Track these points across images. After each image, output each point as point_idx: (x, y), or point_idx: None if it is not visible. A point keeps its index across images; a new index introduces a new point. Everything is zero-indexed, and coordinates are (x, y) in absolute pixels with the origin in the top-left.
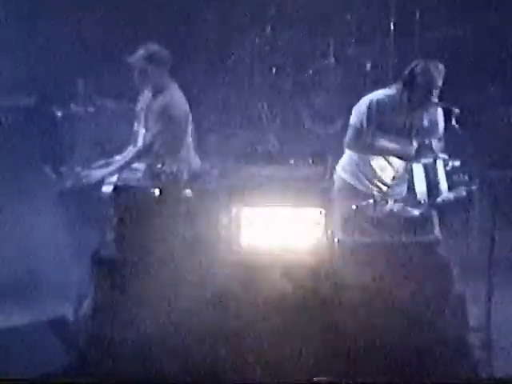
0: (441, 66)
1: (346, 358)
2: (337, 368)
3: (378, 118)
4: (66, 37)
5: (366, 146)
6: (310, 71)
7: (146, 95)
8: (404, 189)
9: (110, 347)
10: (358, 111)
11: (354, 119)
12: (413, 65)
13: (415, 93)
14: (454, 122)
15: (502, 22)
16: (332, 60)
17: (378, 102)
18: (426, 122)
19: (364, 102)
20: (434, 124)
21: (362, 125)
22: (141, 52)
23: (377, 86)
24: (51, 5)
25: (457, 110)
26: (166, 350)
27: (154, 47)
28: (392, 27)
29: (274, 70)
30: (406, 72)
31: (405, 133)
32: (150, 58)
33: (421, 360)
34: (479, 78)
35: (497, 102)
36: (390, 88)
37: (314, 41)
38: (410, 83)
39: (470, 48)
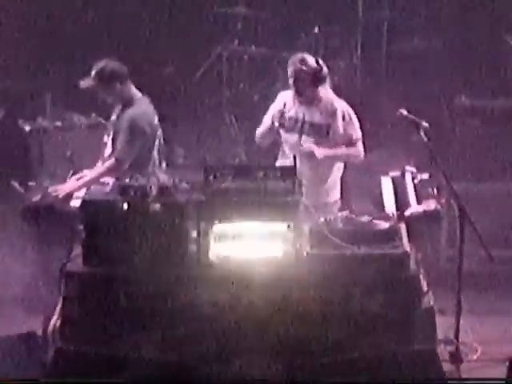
0: (298, 57)
1: (317, 369)
2: (306, 380)
3: (274, 107)
4: (33, 50)
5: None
6: (278, 84)
7: (117, 108)
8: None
9: (78, 361)
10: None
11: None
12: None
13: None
14: (422, 135)
15: (470, 34)
16: None
17: (282, 93)
18: (315, 118)
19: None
20: (323, 120)
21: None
22: (91, 73)
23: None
24: (18, 17)
25: (425, 124)
26: (136, 363)
27: (100, 64)
28: (360, 40)
29: (242, 84)
30: None
31: (297, 128)
32: (100, 76)
33: (390, 372)
34: (447, 90)
35: (465, 114)
36: None
37: (282, 54)
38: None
39: (438, 60)
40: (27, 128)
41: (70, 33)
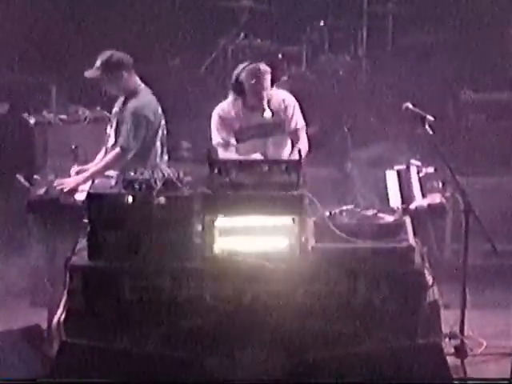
0: (263, 67)
1: (321, 363)
2: (311, 373)
3: (222, 125)
4: (38, 43)
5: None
6: (284, 78)
7: (120, 100)
8: None
9: (83, 355)
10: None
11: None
12: (237, 72)
13: (247, 97)
14: (427, 128)
15: (475, 29)
16: (304, 67)
17: (219, 110)
18: (273, 118)
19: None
20: (278, 117)
21: (214, 134)
22: (96, 63)
23: (350, 92)
24: (22, 10)
25: (430, 117)
26: (139, 357)
27: (106, 54)
28: (365, 34)
29: None
30: (233, 79)
31: (244, 136)
32: (106, 66)
33: (395, 365)
34: (453, 84)
35: (471, 108)
36: (230, 96)
37: (287, 47)
38: (239, 89)
39: (444, 53)
40: (32, 121)
41: (75, 26)
